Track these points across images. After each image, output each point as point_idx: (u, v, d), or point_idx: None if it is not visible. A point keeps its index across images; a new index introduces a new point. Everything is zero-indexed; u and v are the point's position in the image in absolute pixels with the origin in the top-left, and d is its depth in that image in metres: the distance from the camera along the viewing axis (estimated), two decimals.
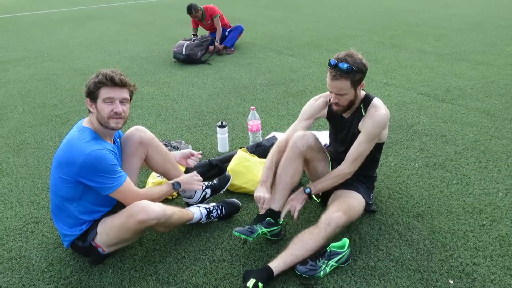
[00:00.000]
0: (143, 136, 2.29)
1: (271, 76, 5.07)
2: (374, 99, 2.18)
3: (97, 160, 1.89)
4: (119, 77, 1.97)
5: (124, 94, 2.01)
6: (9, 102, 4.68)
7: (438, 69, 5.01)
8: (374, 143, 2.15)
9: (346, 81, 2.02)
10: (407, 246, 2.15)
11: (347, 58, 2.01)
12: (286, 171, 2.22)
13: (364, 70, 2.06)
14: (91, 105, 2.00)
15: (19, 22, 10.93)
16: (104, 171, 1.92)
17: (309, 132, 2.30)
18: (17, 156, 3.37)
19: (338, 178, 2.18)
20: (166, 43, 7.19)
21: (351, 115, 2.23)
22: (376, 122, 2.12)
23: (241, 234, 2.03)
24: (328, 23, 8.37)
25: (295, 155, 2.22)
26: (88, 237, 2.04)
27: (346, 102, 2.12)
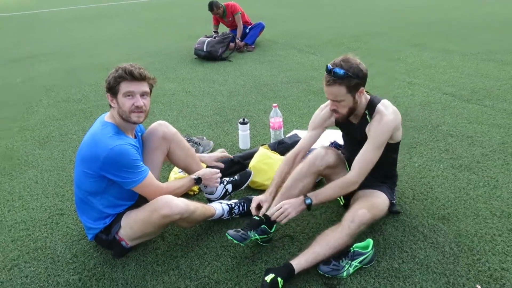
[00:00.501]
0: (166, 131, 2.30)
1: (292, 74, 5.04)
2: (379, 104, 2.07)
3: (120, 155, 1.91)
4: (138, 71, 1.98)
5: (144, 87, 2.01)
6: (34, 96, 4.77)
7: (463, 69, 4.90)
8: (381, 150, 2.05)
9: (341, 87, 1.95)
10: (433, 248, 2.10)
11: (342, 63, 1.94)
12: (295, 184, 2.19)
13: (361, 75, 1.97)
14: (112, 100, 2.02)
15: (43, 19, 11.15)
16: (126, 166, 1.93)
17: (331, 150, 2.26)
18: (42, 148, 3.43)
19: (342, 188, 2.07)
20: (187, 40, 7.22)
21: (358, 122, 2.16)
22: (380, 130, 2.02)
23: (234, 239, 2.00)
24: (350, 21, 8.28)
25: (310, 172, 2.20)
26: (112, 230, 2.06)
27: (345, 110, 2.05)
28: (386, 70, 4.97)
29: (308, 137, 2.34)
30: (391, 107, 2.08)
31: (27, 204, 2.66)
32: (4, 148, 3.48)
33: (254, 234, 2.08)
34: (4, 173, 3.07)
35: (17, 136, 3.69)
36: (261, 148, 2.84)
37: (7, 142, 3.59)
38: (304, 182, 2.20)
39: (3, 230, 2.41)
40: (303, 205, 2.05)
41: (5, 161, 3.24)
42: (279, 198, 2.19)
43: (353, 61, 1.96)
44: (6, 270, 2.10)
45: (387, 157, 2.16)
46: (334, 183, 2.09)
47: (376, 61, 5.36)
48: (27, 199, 2.72)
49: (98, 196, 2.03)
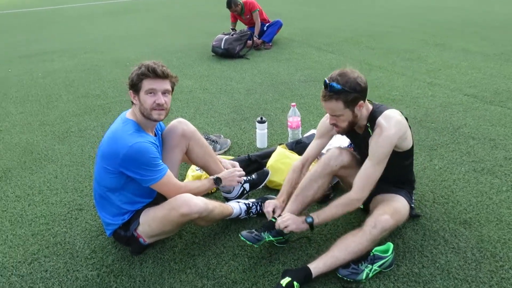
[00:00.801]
0: (186, 128, 2.30)
1: (310, 73, 5.00)
2: (381, 116, 1.97)
3: (139, 152, 1.92)
4: (161, 69, 1.98)
5: (166, 85, 2.02)
6: (54, 91, 4.83)
7: (485, 70, 4.79)
8: (382, 165, 1.97)
9: (338, 102, 1.89)
10: (454, 254, 2.06)
11: (338, 78, 1.88)
12: (310, 185, 2.17)
13: (359, 89, 1.89)
14: (134, 96, 2.02)
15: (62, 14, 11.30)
16: (145, 163, 1.94)
17: (345, 150, 2.23)
18: (62, 143, 3.47)
19: (346, 205, 2.01)
20: (204, 36, 7.24)
21: (362, 133, 2.10)
22: (380, 144, 1.94)
23: (247, 240, 2.00)
24: (368, 20, 8.18)
25: (325, 173, 2.17)
26: (130, 227, 2.07)
27: (345, 124, 2.00)
28: (406, 70, 4.89)
29: (315, 145, 2.30)
30: (393, 119, 1.97)
31: (47, 198, 2.70)
32: (25, 142, 3.53)
33: (268, 235, 2.08)
34: (25, 167, 3.11)
35: (37, 131, 3.74)
36: (278, 148, 2.82)
37: (27, 136, 3.64)
38: (319, 183, 2.18)
39: (24, 224, 2.45)
40: (305, 224, 2.01)
41: (26, 156, 3.29)
42: (294, 200, 2.17)
43: (351, 75, 1.89)
44: (27, 264, 2.13)
45: (399, 165, 2.10)
46: (337, 201, 2.03)
47: (396, 61, 5.29)
48: (47, 193, 2.76)
49: (116, 192, 2.04)
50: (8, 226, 2.44)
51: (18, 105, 4.45)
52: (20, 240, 2.31)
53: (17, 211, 2.58)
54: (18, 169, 3.10)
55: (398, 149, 2.02)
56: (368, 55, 5.64)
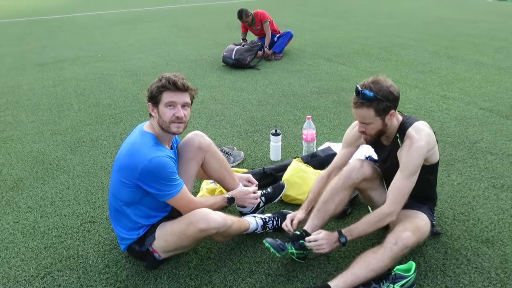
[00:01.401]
0: (202, 141, 2.27)
1: (321, 84, 4.97)
2: (411, 127, 1.95)
3: (158, 167, 1.89)
4: (182, 82, 1.97)
5: (185, 98, 2.00)
6: (65, 100, 4.84)
7: (500, 83, 4.74)
8: (415, 177, 1.94)
9: (369, 110, 1.88)
10: (478, 274, 2.00)
11: (371, 85, 1.86)
12: (332, 198, 2.13)
13: (392, 98, 1.88)
14: (153, 109, 2.00)
15: (74, 22, 11.40)
16: (163, 178, 1.91)
17: (366, 162, 2.19)
18: (74, 153, 3.45)
19: (378, 221, 1.96)
20: (214, 47, 7.25)
21: (389, 144, 2.07)
22: (411, 157, 1.91)
23: (271, 247, 1.98)
24: (379, 31, 8.17)
25: (346, 185, 2.14)
26: (145, 242, 2.03)
27: (374, 131, 1.97)
28: (418, 83, 4.85)
29: (341, 154, 2.29)
30: (423, 131, 1.95)
31: (59, 210, 2.67)
32: (37, 152, 3.52)
33: (291, 246, 2.04)
34: (37, 177, 3.09)
35: (49, 140, 3.73)
36: (294, 161, 2.78)
37: (39, 146, 3.63)
38: (341, 196, 2.14)
39: (36, 237, 2.42)
40: (338, 243, 1.98)
41: (38, 166, 3.27)
42: (315, 215, 2.14)
43: (384, 83, 1.88)
44: (39, 278, 2.09)
45: (423, 179, 2.05)
46: (368, 216, 1.99)
47: (408, 73, 5.25)
48: (59, 205, 2.73)
49: (132, 206, 2.00)
50: (21, 238, 2.41)
51: (30, 113, 4.46)
52: (32, 253, 2.28)
53: (29, 223, 2.55)
54: (30, 179, 3.07)
55: (425, 162, 1.99)
56: (379, 67, 5.60)
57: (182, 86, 1.96)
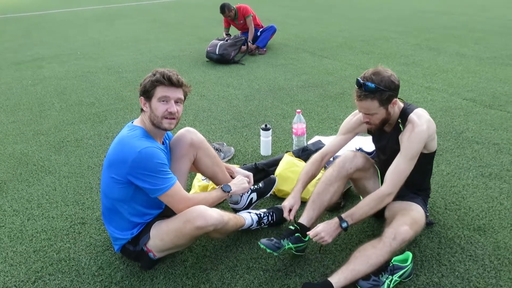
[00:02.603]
0: (194, 138, 2.23)
1: (307, 78, 4.97)
2: (412, 113, 1.99)
3: (148, 157, 1.85)
4: (176, 77, 1.94)
5: (179, 94, 1.97)
6: (46, 99, 4.70)
7: (481, 74, 4.82)
8: (414, 161, 1.97)
9: (373, 101, 1.90)
10: (472, 262, 2.03)
11: (372, 77, 1.88)
12: (326, 189, 2.14)
13: (393, 87, 1.91)
14: (145, 103, 1.97)
15: (50, 20, 11.11)
16: (154, 170, 1.86)
17: (359, 153, 2.22)
18: (58, 154, 3.36)
19: (377, 202, 1.98)
20: (197, 42, 7.17)
21: (391, 130, 2.10)
22: (412, 140, 1.94)
23: (267, 248, 1.96)
24: (361, 25, 8.22)
25: (340, 176, 2.15)
26: (140, 241, 1.99)
27: (378, 121, 2.00)
28: (402, 75, 4.89)
29: (337, 140, 2.29)
30: (424, 117, 1.99)
31: (47, 212, 2.59)
32: (19, 153, 3.41)
33: (287, 242, 2.02)
34: (21, 179, 3.00)
35: (31, 141, 3.62)
36: (286, 155, 2.76)
37: (21, 147, 3.52)
38: (335, 186, 2.15)
39: (24, 240, 2.34)
40: (339, 229, 1.97)
41: (21, 167, 3.17)
42: (311, 206, 2.14)
43: (385, 74, 1.90)
44: (30, 283, 2.03)
45: (421, 168, 2.08)
46: (367, 199, 2.00)
47: (392, 66, 5.30)
48: (46, 207, 2.65)
49: (125, 204, 1.96)
50: (8, 243, 2.33)
51: (9, 114, 4.32)
52: (21, 258, 2.20)
53: (16, 226, 2.47)
54: (14, 181, 2.98)
55: (424, 150, 2.02)
56: (363, 60, 5.63)
57: (177, 81, 1.93)
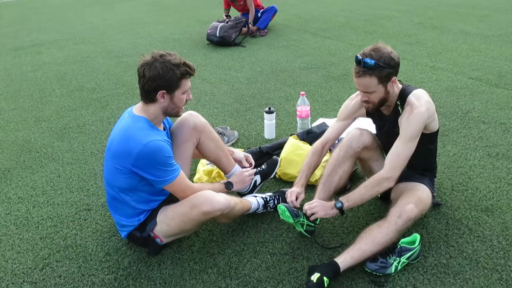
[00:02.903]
0: (197, 121, 2.19)
1: (309, 59, 4.90)
2: (411, 94, 1.94)
3: (154, 151, 1.82)
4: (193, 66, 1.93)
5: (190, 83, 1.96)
6: (46, 85, 4.66)
7: (486, 52, 4.75)
8: (414, 143, 1.93)
9: (372, 78, 1.85)
10: (480, 242, 2.02)
11: (372, 53, 1.83)
12: (335, 170, 2.12)
13: (393, 64, 1.86)
14: (164, 96, 1.86)
15: (47, 4, 10.94)
16: (159, 163, 1.84)
17: (366, 130, 2.18)
18: (61, 140, 3.34)
19: (376, 185, 1.95)
20: (197, 25, 7.06)
21: (391, 112, 2.06)
22: (411, 122, 1.90)
23: (287, 210, 1.98)
24: (363, 4, 8.07)
25: (348, 155, 2.12)
26: (147, 227, 1.98)
27: (376, 100, 1.94)
28: (406, 55, 4.82)
29: (336, 127, 2.26)
30: (423, 98, 1.94)
31: (52, 199, 2.58)
32: (22, 140, 3.39)
33: (303, 215, 2.02)
34: (25, 166, 2.99)
35: (33, 128, 3.60)
36: (290, 138, 2.74)
37: (24, 134, 3.50)
38: (344, 167, 2.13)
39: (31, 228, 2.34)
40: (334, 209, 1.96)
41: (24, 154, 3.16)
42: (321, 189, 2.13)
43: (384, 50, 1.85)
44: (38, 269, 2.03)
45: (424, 148, 2.05)
46: (366, 182, 1.98)
47: (395, 45, 5.21)
48: (51, 194, 2.64)
49: (130, 192, 1.94)
50: (14, 230, 2.33)
51: (10, 101, 4.28)
52: (28, 245, 2.21)
53: (21, 214, 2.47)
54: (18, 168, 2.97)
55: (425, 130, 1.98)
56: (366, 40, 5.55)
57: (194, 71, 1.93)
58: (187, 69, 1.86)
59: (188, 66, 1.88)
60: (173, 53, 1.88)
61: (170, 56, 1.85)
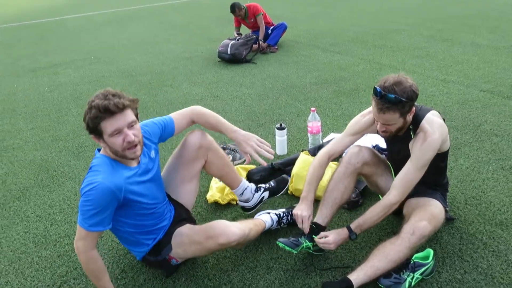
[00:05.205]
0: (203, 140, 2.19)
1: (319, 75, 4.95)
2: (424, 120, 1.94)
3: (84, 191, 1.72)
4: (114, 102, 1.66)
5: (128, 117, 1.73)
6: (63, 104, 4.78)
7: (497, 64, 4.74)
8: (424, 170, 1.95)
9: (395, 113, 1.86)
10: (495, 257, 2.00)
11: (395, 88, 1.81)
12: (337, 186, 2.14)
13: (415, 98, 1.86)
14: (99, 140, 1.76)
15: (63, 25, 11.25)
16: (80, 204, 1.73)
17: (365, 147, 2.20)
18: (77, 159, 3.42)
19: (385, 211, 1.98)
20: (207, 43, 7.19)
21: (403, 134, 2.05)
22: (424, 150, 1.91)
23: (285, 246, 1.98)
24: (371, 17, 8.13)
25: (349, 172, 2.14)
26: (162, 252, 2.00)
27: (395, 129, 1.96)
28: (417, 68, 4.84)
29: (344, 141, 2.24)
30: (436, 123, 1.94)
31: (68, 217, 2.64)
32: (40, 159, 3.48)
33: (305, 240, 2.05)
34: (43, 185, 3.06)
35: (50, 147, 3.69)
36: (302, 154, 2.77)
37: (41, 153, 3.59)
38: (345, 183, 2.15)
39: (48, 245, 2.39)
40: (346, 238, 2.01)
41: (42, 173, 3.24)
42: (323, 205, 2.15)
43: (406, 84, 1.83)
44: (56, 287, 2.08)
45: (435, 166, 2.05)
46: (375, 208, 2.00)
47: (405, 59, 5.24)
48: (68, 212, 2.70)
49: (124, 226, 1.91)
50: (33, 248, 2.39)
51: (28, 121, 4.40)
52: (46, 262, 2.26)
53: (40, 232, 2.53)
54: (36, 187, 3.04)
55: (437, 151, 1.98)
56: (376, 54, 5.58)
57: (116, 107, 1.66)
58: (97, 112, 1.65)
59: (98, 108, 1.64)
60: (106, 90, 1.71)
61: (95, 97, 1.69)
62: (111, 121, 1.68)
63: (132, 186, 1.83)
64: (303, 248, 2.03)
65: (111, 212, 1.77)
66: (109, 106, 1.65)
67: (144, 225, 1.96)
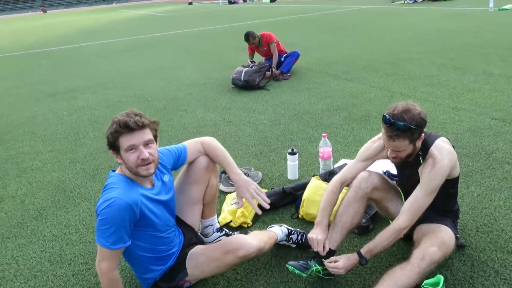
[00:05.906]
0: (210, 163, 2.24)
1: (331, 101, 5.03)
2: (433, 146, 1.98)
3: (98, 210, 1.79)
4: (134, 120, 1.77)
5: (146, 136, 1.82)
6: (81, 128, 4.93)
7: (509, 92, 4.76)
8: (433, 195, 1.98)
9: (404, 140, 1.91)
10: (507, 285, 1.99)
11: (403, 116, 1.86)
12: (347, 211, 2.16)
13: (423, 125, 1.91)
14: (117, 156, 1.86)
15: (81, 52, 11.64)
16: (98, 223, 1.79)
17: (374, 172, 2.23)
18: (93, 181, 3.51)
19: (395, 236, 1.99)
20: (222, 69, 7.37)
21: (412, 159, 2.09)
22: (433, 177, 1.95)
23: (295, 269, 2.01)
24: (383, 46, 8.26)
25: (358, 196, 2.17)
26: (176, 278, 2.03)
27: (404, 155, 2.01)
28: (428, 96, 4.89)
29: (356, 168, 2.28)
30: (445, 149, 1.99)
31: (84, 237, 2.71)
32: (57, 180, 3.58)
33: (314, 264, 2.06)
34: (59, 206, 3.14)
35: (68, 169, 3.80)
36: (313, 179, 2.80)
37: (59, 174, 3.69)
38: (355, 207, 2.17)
39: (64, 264, 2.45)
40: (356, 264, 2.02)
41: (59, 194, 3.33)
42: (333, 229, 2.17)
43: (415, 111, 1.89)
44: None
45: (445, 192, 2.08)
46: (384, 232, 2.02)
47: (417, 87, 5.30)
48: (83, 232, 2.77)
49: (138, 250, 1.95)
50: (48, 267, 2.44)
51: (47, 143, 4.54)
52: (61, 281, 2.31)
53: (55, 251, 2.59)
54: (53, 208, 3.13)
55: (447, 177, 2.01)
56: (387, 82, 5.66)
57: (136, 125, 1.77)
58: (117, 127, 1.77)
59: (119, 123, 1.76)
60: (130, 110, 1.83)
61: (119, 115, 1.82)
62: (128, 137, 1.78)
63: (147, 203, 1.90)
64: (312, 271, 2.05)
65: (130, 227, 1.82)
66: (129, 122, 1.76)
67: (156, 250, 2.00)
